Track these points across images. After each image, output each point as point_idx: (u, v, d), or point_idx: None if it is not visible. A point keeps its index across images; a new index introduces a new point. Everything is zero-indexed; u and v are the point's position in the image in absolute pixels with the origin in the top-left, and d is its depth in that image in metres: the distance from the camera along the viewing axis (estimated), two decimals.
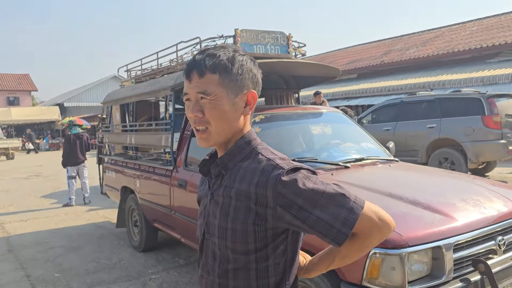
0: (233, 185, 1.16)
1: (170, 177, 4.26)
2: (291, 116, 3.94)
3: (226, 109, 1.14)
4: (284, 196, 1.08)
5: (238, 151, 1.20)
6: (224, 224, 1.16)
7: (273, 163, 1.13)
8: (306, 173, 1.13)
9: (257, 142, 1.22)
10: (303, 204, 1.08)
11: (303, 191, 1.08)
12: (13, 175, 14.67)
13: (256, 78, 1.21)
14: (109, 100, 6.35)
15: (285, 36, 4.49)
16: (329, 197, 1.09)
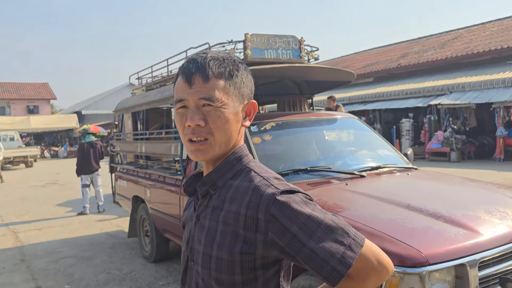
0: (222, 206, 1.02)
1: (180, 187, 4.15)
2: (304, 122, 3.79)
3: (230, 118, 1.02)
4: (277, 220, 0.94)
5: (228, 168, 1.06)
6: (209, 251, 1.01)
7: (267, 182, 1.00)
8: (304, 197, 0.99)
9: (249, 159, 1.09)
10: (297, 232, 0.94)
11: (299, 217, 0.94)
12: (31, 183, 14.83)
13: (253, 88, 1.12)
14: (120, 108, 6.30)
15: (297, 40, 4.36)
16: (327, 229, 0.95)
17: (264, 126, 3.50)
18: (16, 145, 23.54)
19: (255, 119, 3.62)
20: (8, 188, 13.39)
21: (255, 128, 3.46)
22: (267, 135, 3.43)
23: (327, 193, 2.81)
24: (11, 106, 41.60)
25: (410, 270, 1.93)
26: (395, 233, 2.13)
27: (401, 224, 2.26)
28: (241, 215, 0.98)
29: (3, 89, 42.41)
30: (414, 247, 2.00)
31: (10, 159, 21.61)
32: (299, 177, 3.12)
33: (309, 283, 2.40)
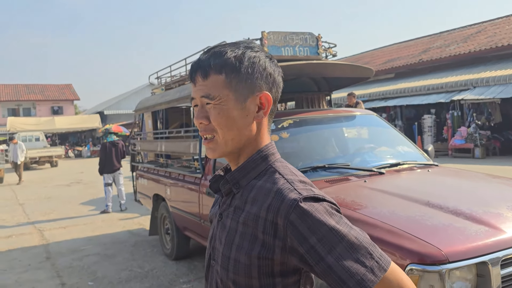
0: (244, 207, 0.99)
1: (199, 185, 4.19)
2: (322, 120, 3.77)
3: (233, 114, 0.99)
4: (296, 228, 0.89)
5: (252, 167, 1.02)
6: (227, 252, 0.99)
7: (290, 186, 0.94)
8: (329, 207, 0.92)
9: (275, 158, 1.04)
10: (315, 244, 0.88)
11: (320, 228, 0.88)
12: (56, 182, 15.19)
13: (272, 78, 1.03)
14: (140, 107, 6.39)
15: (314, 37, 4.33)
16: (349, 246, 0.88)
17: (281, 124, 3.50)
18: (41, 145, 24.18)
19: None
20: (34, 188, 13.74)
21: (272, 126, 3.46)
22: (284, 133, 3.42)
23: (345, 190, 2.79)
24: (36, 107, 42.70)
25: (430, 268, 1.90)
26: (414, 231, 2.10)
27: (421, 222, 2.22)
28: (261, 218, 0.94)
29: (28, 91, 43.55)
30: (434, 244, 1.97)
31: (36, 159, 22.18)
32: (317, 174, 3.10)
33: None
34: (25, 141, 24.36)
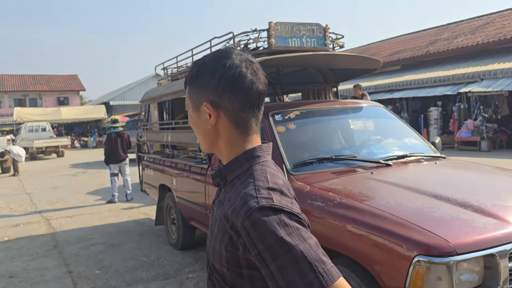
0: (224, 201, 1.04)
1: (205, 176, 4.20)
2: (329, 111, 3.76)
3: (195, 121, 1.09)
4: (248, 234, 0.93)
5: (236, 166, 1.06)
6: (210, 239, 1.08)
7: (254, 193, 0.96)
8: (285, 218, 0.93)
9: (258, 160, 1.06)
10: (263, 251, 0.91)
11: (268, 238, 0.91)
12: (63, 172, 15.29)
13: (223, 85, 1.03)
14: (146, 98, 6.40)
15: (322, 27, 4.30)
16: (292, 259, 0.89)
17: (288, 115, 3.49)
18: (47, 136, 24.26)
19: (279, 108, 3.62)
20: (41, 177, 13.84)
21: (279, 117, 3.46)
22: (291, 124, 3.41)
23: (352, 182, 2.79)
24: (42, 97, 42.85)
25: (437, 260, 1.90)
26: (421, 222, 2.10)
27: (428, 213, 2.22)
28: (229, 216, 0.99)
29: (35, 81, 43.68)
30: (441, 236, 1.97)
31: (42, 149, 22.29)
32: (323, 165, 3.10)
33: None
34: (32, 131, 24.52)
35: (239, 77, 1.03)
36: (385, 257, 2.08)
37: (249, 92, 1.05)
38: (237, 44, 4.12)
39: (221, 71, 1.03)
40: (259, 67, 1.09)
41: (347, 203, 2.44)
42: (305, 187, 2.80)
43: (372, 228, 2.18)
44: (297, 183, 2.89)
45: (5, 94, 41.61)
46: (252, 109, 1.07)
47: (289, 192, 1.04)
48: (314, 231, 2.62)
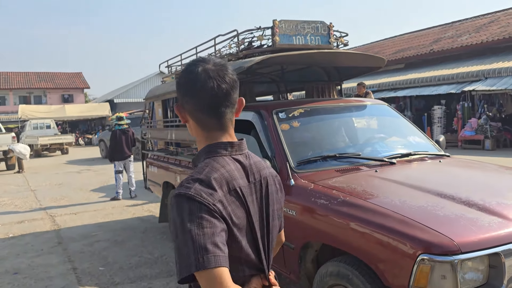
0: None
1: None
2: (333, 109, 3.75)
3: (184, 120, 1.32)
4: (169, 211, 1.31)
5: (197, 159, 1.27)
6: None
7: (183, 182, 1.17)
8: (193, 206, 1.10)
9: (210, 155, 1.22)
10: (171, 230, 1.16)
11: (175, 219, 1.12)
12: (67, 169, 15.35)
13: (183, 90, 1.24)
14: (151, 96, 6.41)
15: (326, 25, 4.29)
16: (184, 241, 1.09)
17: (292, 113, 3.49)
18: (52, 133, 24.33)
19: (283, 106, 3.62)
20: (46, 174, 13.90)
21: (283, 115, 3.46)
22: (295, 122, 3.42)
23: (356, 180, 2.79)
24: (47, 95, 42.98)
25: (441, 258, 1.90)
26: (426, 221, 2.10)
27: (432, 212, 2.22)
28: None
29: (39, 79, 43.79)
30: (446, 234, 1.97)
31: (47, 146, 22.37)
32: (327, 164, 3.11)
33: (338, 270, 2.41)
34: (36, 128, 24.59)
35: (191, 82, 1.21)
36: (389, 256, 2.08)
37: (201, 95, 1.20)
38: (241, 42, 4.12)
39: (181, 79, 1.25)
40: (221, 70, 1.21)
41: (351, 201, 2.44)
42: (308, 185, 2.80)
43: (376, 226, 2.18)
44: (301, 181, 2.89)
45: (10, 91, 41.76)
46: (208, 109, 1.21)
47: (225, 185, 1.16)
48: (318, 229, 2.61)
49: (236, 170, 1.22)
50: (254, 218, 1.23)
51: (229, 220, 1.14)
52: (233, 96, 1.23)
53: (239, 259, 1.20)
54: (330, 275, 2.46)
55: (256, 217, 1.24)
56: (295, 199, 2.81)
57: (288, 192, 2.90)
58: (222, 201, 1.14)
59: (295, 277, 2.92)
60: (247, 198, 1.21)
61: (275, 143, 3.21)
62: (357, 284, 2.25)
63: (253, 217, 1.23)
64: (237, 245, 1.18)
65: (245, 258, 1.22)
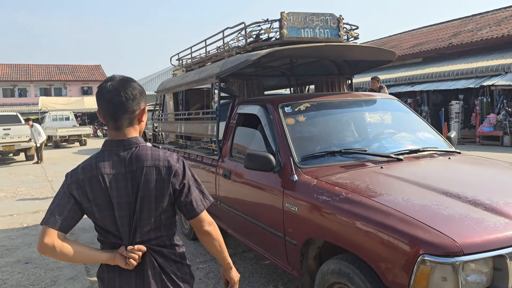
0: None
1: (216, 167, 4.19)
2: (341, 103, 3.68)
3: None
4: None
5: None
6: None
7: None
8: (63, 182, 1.65)
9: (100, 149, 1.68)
10: None
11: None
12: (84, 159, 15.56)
13: (96, 99, 1.64)
14: (162, 89, 6.42)
15: (336, 18, 4.21)
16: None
17: (298, 107, 3.44)
18: (71, 124, 24.70)
19: (289, 100, 3.57)
20: (64, 165, 14.11)
21: (289, 109, 3.41)
22: (301, 116, 3.36)
23: (360, 177, 2.73)
24: (67, 87, 43.68)
25: (442, 260, 1.84)
26: (428, 220, 2.03)
27: (436, 211, 2.15)
28: None
29: (60, 71, 44.51)
30: (448, 235, 1.90)
31: (66, 137, 22.74)
32: (332, 159, 3.05)
33: (339, 268, 2.37)
34: (56, 120, 24.99)
35: (98, 94, 1.60)
36: (389, 255, 2.03)
37: (102, 104, 1.58)
38: (248, 35, 4.07)
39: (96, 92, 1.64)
40: (122, 85, 1.57)
41: (353, 198, 2.38)
42: (312, 181, 2.75)
43: (377, 224, 2.12)
44: (304, 176, 2.84)
45: (31, 83, 42.55)
46: (106, 114, 1.58)
47: (88, 171, 1.57)
48: (319, 226, 2.56)
49: (110, 162, 1.58)
50: (116, 199, 1.55)
51: (77, 198, 1.56)
52: (130, 105, 1.56)
53: (101, 228, 1.61)
54: (331, 273, 2.42)
55: (120, 199, 1.56)
56: (298, 195, 2.77)
57: (291, 187, 2.85)
58: (76, 182, 1.56)
59: (297, 273, 2.88)
60: (110, 183, 1.55)
61: (279, 137, 3.16)
62: (358, 283, 2.20)
63: (115, 198, 1.55)
64: (92, 217, 1.59)
65: (105, 229, 1.60)
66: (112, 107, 1.55)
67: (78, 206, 1.55)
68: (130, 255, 1.56)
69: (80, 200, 1.55)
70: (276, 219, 2.96)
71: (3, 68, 42.78)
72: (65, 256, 1.53)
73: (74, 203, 1.55)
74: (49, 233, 1.50)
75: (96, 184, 1.54)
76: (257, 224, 3.29)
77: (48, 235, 1.50)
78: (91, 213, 1.57)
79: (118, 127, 1.58)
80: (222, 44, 4.56)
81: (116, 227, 1.57)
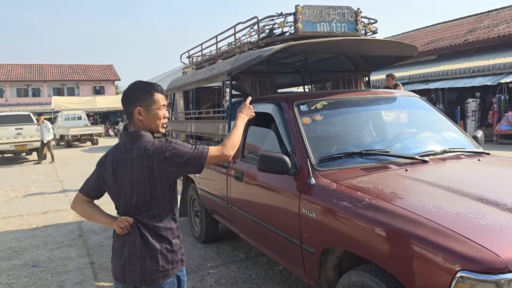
0: None
1: (228, 168, 4.02)
2: (359, 101, 3.47)
3: None
4: None
5: None
6: None
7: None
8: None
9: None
10: None
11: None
12: (96, 159, 15.50)
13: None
14: (172, 87, 6.27)
15: (353, 11, 3.99)
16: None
17: (314, 105, 3.24)
18: (82, 124, 24.78)
19: (305, 98, 3.37)
20: (75, 165, 14.10)
21: (304, 108, 3.21)
22: (317, 115, 3.16)
23: (383, 180, 2.52)
24: (79, 87, 44.03)
25: (484, 277, 1.62)
26: (465, 231, 1.82)
27: (473, 220, 1.93)
28: None
29: (72, 71, 44.89)
30: (490, 248, 1.69)
31: (77, 136, 22.81)
32: (352, 161, 2.84)
33: (362, 280, 2.17)
34: (68, 119, 25.11)
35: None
36: (421, 270, 1.82)
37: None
38: (261, 30, 3.88)
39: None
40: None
41: (377, 204, 2.18)
42: (331, 185, 2.55)
43: (406, 234, 1.92)
44: (323, 179, 2.65)
45: (44, 83, 42.96)
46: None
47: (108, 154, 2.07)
48: (340, 234, 2.34)
49: (119, 149, 2.02)
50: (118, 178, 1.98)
51: (99, 175, 2.07)
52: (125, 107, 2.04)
53: (111, 198, 2.05)
54: (353, 285, 2.22)
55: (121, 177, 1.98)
56: (316, 200, 2.57)
57: (308, 191, 2.66)
58: (100, 163, 2.08)
59: (315, 283, 2.69)
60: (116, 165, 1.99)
61: (295, 137, 2.96)
62: None
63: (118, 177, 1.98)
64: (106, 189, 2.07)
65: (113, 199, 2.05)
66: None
67: (99, 180, 2.08)
68: (119, 224, 1.97)
69: (100, 176, 2.07)
70: (292, 225, 2.77)
71: (17, 68, 43.25)
72: (85, 214, 2.12)
73: (96, 178, 2.08)
74: (78, 196, 2.12)
75: (108, 165, 2.02)
76: (271, 230, 3.10)
77: (77, 197, 2.12)
78: (105, 186, 2.06)
79: (129, 124, 2.07)
80: (234, 40, 4.38)
81: (117, 199, 2.02)
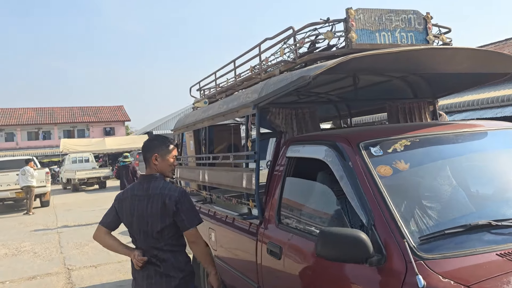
0: None
1: (256, 236, 2.87)
2: (456, 138, 2.32)
3: None
4: None
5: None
6: None
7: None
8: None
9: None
10: None
11: None
12: (104, 205, 14.47)
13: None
14: (179, 126, 5.22)
15: (421, 16, 2.95)
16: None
17: (392, 146, 2.12)
18: (90, 166, 24.00)
19: (373, 135, 2.26)
20: (78, 212, 13.21)
21: (377, 150, 2.09)
22: (401, 162, 2.03)
23: None
24: (90, 128, 43.83)
25: None
26: None
27: None
28: None
29: (83, 113, 44.87)
30: None
31: (84, 180, 21.92)
32: (477, 239, 1.69)
33: None
34: (75, 162, 24.36)
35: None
36: None
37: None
38: (300, 43, 2.82)
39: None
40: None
41: None
42: None
43: None
44: (439, 278, 1.49)
45: (55, 126, 42.85)
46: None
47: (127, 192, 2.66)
48: None
49: (137, 188, 2.60)
50: (136, 213, 2.54)
51: (117, 209, 2.62)
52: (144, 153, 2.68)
53: (128, 231, 2.63)
54: None
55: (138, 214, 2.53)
56: None
57: None
58: (119, 200, 2.63)
59: None
60: (133, 203, 2.56)
61: (372, 200, 1.83)
62: None
63: (135, 213, 2.54)
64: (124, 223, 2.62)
65: (129, 232, 2.63)
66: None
67: (117, 214, 2.61)
68: (136, 262, 2.53)
69: (119, 210, 2.61)
70: None
71: (28, 112, 43.31)
72: (105, 244, 2.64)
73: (115, 213, 2.61)
74: (99, 229, 2.63)
75: (127, 201, 2.57)
76: None
77: (98, 230, 2.64)
78: (123, 219, 2.59)
79: (147, 166, 2.67)
80: (259, 62, 3.34)
81: (134, 231, 2.56)
